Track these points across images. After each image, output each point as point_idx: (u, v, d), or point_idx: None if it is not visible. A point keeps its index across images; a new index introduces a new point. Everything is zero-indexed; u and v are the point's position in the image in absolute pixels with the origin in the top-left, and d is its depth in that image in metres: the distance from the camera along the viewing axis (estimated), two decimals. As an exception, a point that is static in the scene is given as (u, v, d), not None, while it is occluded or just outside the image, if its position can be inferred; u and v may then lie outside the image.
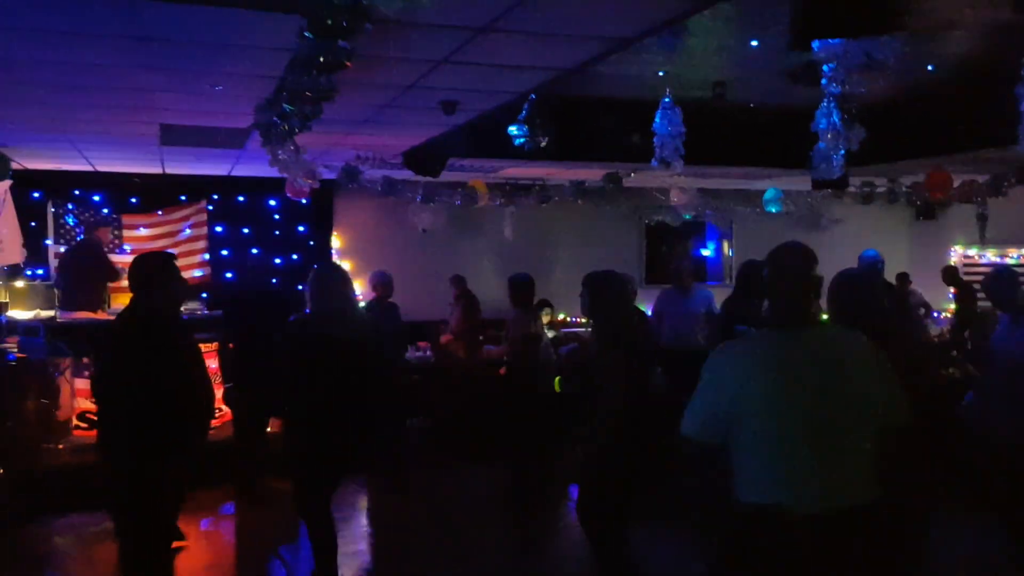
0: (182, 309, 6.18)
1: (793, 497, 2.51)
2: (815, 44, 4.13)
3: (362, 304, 9.63)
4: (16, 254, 8.27)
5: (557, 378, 6.05)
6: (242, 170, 9.12)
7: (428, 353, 8.58)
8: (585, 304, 4.28)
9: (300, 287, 9.28)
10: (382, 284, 7.29)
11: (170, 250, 8.98)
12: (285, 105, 4.55)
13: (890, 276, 6.32)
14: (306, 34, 3.47)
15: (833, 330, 2.75)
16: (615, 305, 4.23)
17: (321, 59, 3.68)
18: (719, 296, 6.65)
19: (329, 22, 3.36)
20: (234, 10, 3.59)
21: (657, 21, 3.95)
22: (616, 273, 4.34)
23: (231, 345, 6.31)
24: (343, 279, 4.61)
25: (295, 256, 9.90)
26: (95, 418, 5.47)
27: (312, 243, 10.08)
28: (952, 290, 10.23)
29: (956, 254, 11.74)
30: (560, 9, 3.78)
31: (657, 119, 5.93)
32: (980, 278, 7.76)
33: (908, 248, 11.82)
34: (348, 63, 3.74)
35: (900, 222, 11.89)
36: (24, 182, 8.78)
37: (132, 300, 3.99)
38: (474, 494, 6.76)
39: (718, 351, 2.68)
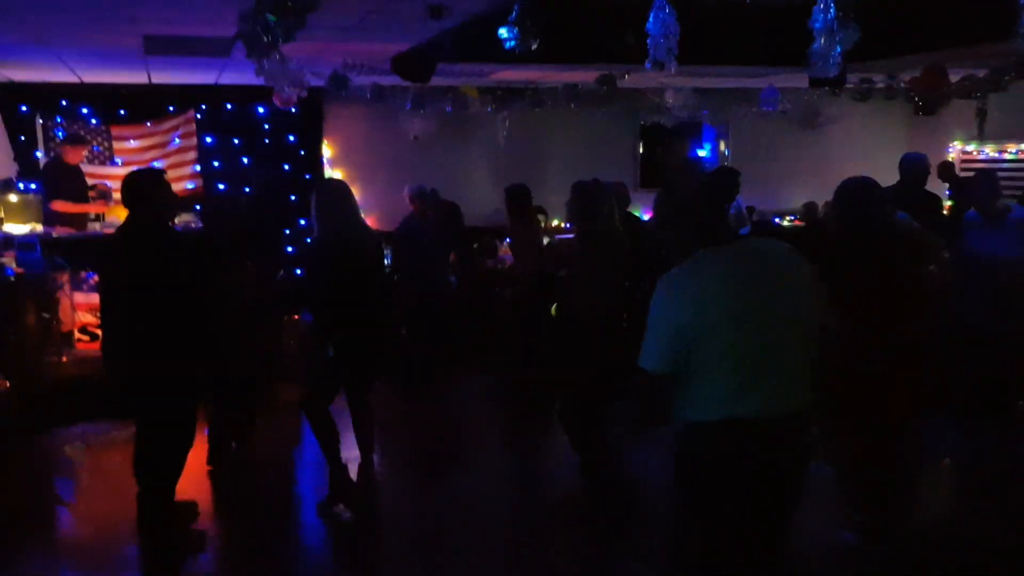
0: (176, 222, 6.27)
1: (741, 407, 2.56)
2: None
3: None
4: (4, 167, 8.24)
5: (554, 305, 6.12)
6: (229, 78, 8.94)
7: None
8: (569, 210, 4.41)
9: (292, 197, 9.31)
10: (420, 196, 7.36)
11: (160, 161, 8.95)
12: (268, 15, 4.44)
13: (886, 174, 6.13)
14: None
15: (758, 240, 2.79)
16: (596, 215, 4.35)
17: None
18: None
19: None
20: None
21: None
22: (601, 183, 4.44)
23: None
24: (347, 193, 4.83)
25: (286, 166, 9.76)
26: (97, 331, 5.58)
27: (303, 152, 9.95)
28: (947, 187, 10.21)
29: (955, 150, 11.62)
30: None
31: (651, 18, 5.79)
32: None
33: (906, 145, 11.58)
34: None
35: (898, 119, 11.72)
36: (11, 96, 8.67)
37: (128, 215, 4.12)
38: (476, 400, 6.96)
39: (662, 283, 2.65)
